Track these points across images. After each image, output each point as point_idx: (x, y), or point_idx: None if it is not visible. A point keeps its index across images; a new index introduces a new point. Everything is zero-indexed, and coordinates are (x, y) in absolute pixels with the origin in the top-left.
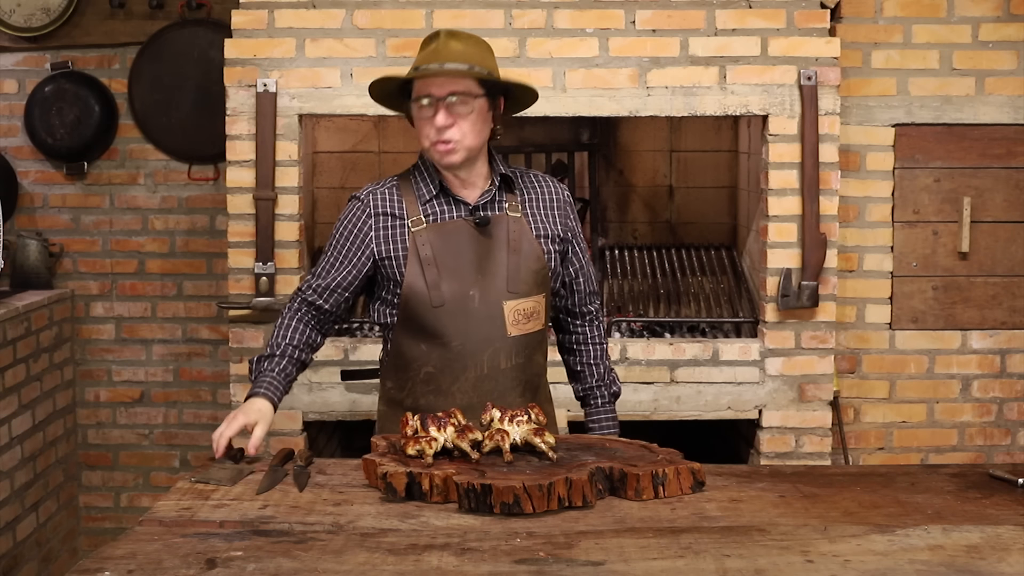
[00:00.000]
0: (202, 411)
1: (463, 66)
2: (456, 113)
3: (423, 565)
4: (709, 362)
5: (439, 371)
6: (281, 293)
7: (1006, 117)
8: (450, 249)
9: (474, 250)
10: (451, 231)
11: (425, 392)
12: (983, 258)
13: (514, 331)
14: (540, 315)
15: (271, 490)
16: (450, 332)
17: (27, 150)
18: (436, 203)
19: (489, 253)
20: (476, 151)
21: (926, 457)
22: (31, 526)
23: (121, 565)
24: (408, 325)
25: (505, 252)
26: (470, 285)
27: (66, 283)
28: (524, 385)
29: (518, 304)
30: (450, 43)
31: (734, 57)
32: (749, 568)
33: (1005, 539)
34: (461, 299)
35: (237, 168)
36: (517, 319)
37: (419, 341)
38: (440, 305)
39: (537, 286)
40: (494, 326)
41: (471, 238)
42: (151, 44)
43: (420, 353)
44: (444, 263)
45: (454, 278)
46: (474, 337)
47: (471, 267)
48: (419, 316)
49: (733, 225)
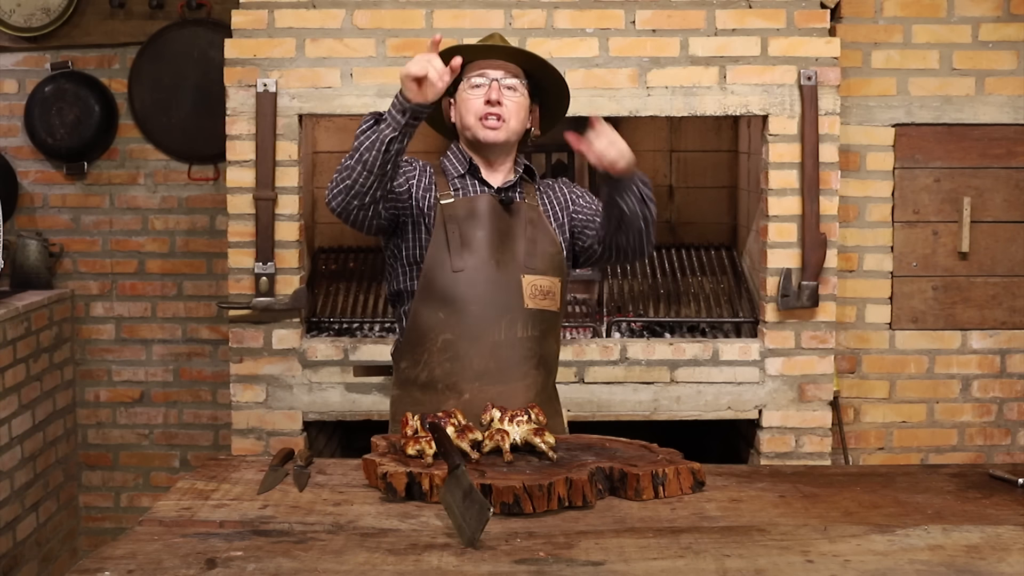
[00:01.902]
0: (202, 411)
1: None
2: (506, 94)
3: (423, 565)
4: (709, 362)
5: (457, 337)
6: (281, 293)
7: (1006, 117)
8: (473, 221)
9: (496, 224)
10: (476, 203)
11: (442, 360)
12: (983, 258)
13: (531, 304)
14: (556, 296)
15: (271, 490)
16: (469, 297)
17: (27, 150)
18: (463, 180)
19: (510, 229)
20: (516, 136)
21: (926, 457)
22: (31, 526)
23: (121, 565)
24: (427, 292)
25: (523, 231)
26: (489, 255)
27: (66, 283)
28: (539, 358)
29: (535, 279)
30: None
31: (734, 57)
32: (749, 568)
33: (1005, 539)
34: (481, 267)
35: (237, 168)
36: (534, 293)
37: (437, 309)
38: (460, 270)
39: (553, 268)
40: (512, 295)
41: (495, 213)
42: (151, 44)
43: (438, 321)
44: (467, 232)
45: (475, 247)
46: (492, 303)
47: (493, 238)
48: (439, 281)
49: (733, 225)
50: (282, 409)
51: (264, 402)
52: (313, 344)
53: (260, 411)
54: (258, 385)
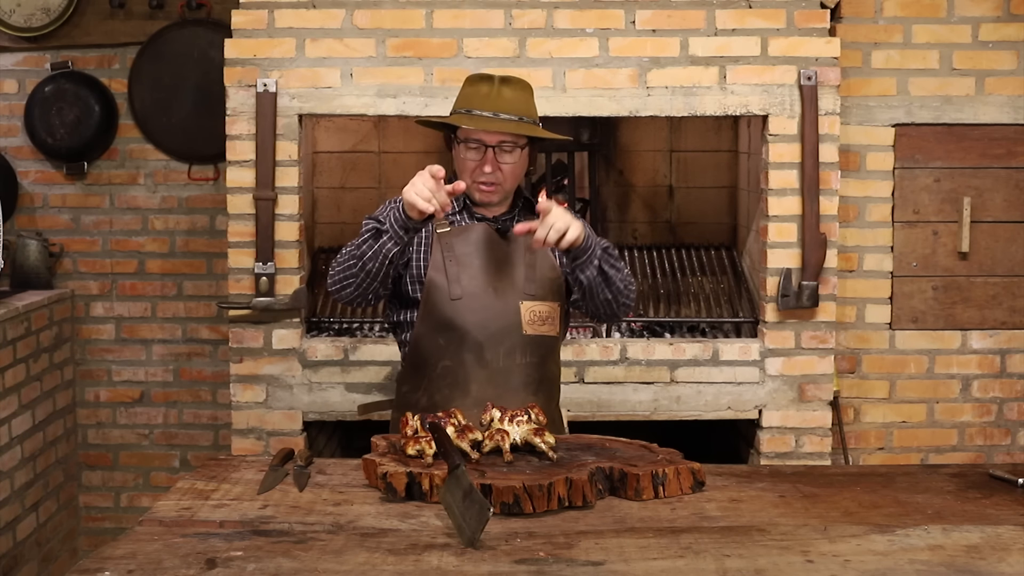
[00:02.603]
0: (202, 411)
1: (514, 117)
2: (502, 160)
3: (423, 565)
4: (709, 362)
5: (456, 364)
6: (281, 293)
7: (1006, 117)
8: (471, 249)
9: (494, 252)
10: (473, 232)
11: (441, 387)
12: (983, 258)
13: (530, 330)
14: (555, 321)
15: (271, 490)
16: (468, 324)
17: (27, 150)
18: (460, 216)
19: (508, 256)
20: (512, 189)
21: (926, 457)
22: (31, 526)
23: (121, 565)
24: (427, 319)
25: (523, 256)
26: (489, 282)
27: (66, 283)
28: (538, 384)
29: (534, 305)
30: (503, 91)
31: (734, 57)
32: (749, 568)
33: (1005, 539)
34: (480, 294)
35: (237, 168)
36: (533, 319)
37: (437, 335)
38: (459, 298)
39: (552, 293)
40: (510, 322)
41: (492, 241)
42: (151, 44)
43: (438, 347)
44: (464, 260)
45: (474, 274)
46: (491, 330)
47: (490, 266)
48: (438, 309)
49: (733, 225)
50: (282, 409)
51: (264, 402)
52: (313, 344)
53: (260, 411)
54: (258, 385)
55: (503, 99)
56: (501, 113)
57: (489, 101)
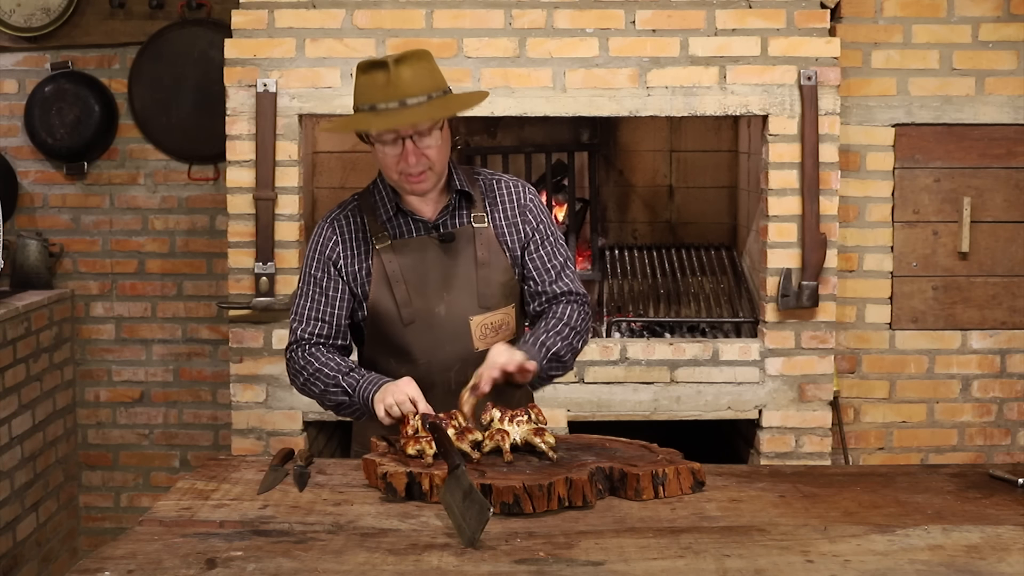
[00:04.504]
0: (202, 411)
1: (423, 98)
2: (424, 145)
3: (423, 565)
4: (709, 362)
5: None
6: (281, 293)
7: (1006, 117)
8: (415, 266)
9: (439, 267)
10: (415, 248)
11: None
12: (983, 258)
13: (481, 346)
14: (509, 326)
15: (271, 490)
16: (416, 350)
17: (27, 150)
18: (395, 222)
19: (455, 268)
20: (445, 169)
21: (926, 457)
22: (31, 526)
23: (121, 565)
24: (376, 342)
25: (472, 266)
26: (437, 302)
27: (66, 283)
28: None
29: (485, 319)
30: (402, 73)
31: (734, 57)
32: (749, 568)
33: (1005, 539)
34: (427, 316)
35: (237, 168)
36: (484, 333)
37: (388, 357)
38: (411, 323)
39: (505, 298)
40: (461, 342)
41: (436, 255)
42: (151, 44)
43: (390, 369)
44: (410, 280)
45: (421, 295)
46: (441, 354)
47: (437, 283)
48: (386, 334)
49: (733, 225)
50: (282, 409)
51: (264, 402)
52: None
53: (260, 411)
54: (258, 385)
55: (404, 82)
56: (408, 99)
57: (391, 89)
